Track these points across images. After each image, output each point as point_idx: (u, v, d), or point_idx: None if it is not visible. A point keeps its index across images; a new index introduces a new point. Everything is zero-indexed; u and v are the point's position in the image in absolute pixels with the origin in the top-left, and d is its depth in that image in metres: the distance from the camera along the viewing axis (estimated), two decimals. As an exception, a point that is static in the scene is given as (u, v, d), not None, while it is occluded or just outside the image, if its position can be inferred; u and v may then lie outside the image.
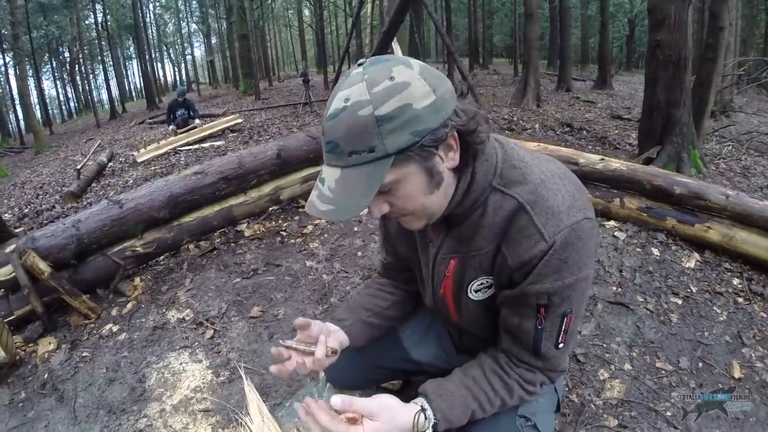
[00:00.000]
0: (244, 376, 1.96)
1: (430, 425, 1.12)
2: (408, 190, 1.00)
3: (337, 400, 1.05)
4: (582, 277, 1.07)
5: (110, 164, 9.58)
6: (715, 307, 2.75)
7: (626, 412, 2.06)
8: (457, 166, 1.05)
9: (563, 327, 1.13)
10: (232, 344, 2.72)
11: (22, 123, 26.23)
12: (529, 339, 1.15)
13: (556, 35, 23.54)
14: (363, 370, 1.67)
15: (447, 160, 1.02)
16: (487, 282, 1.20)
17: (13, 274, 2.98)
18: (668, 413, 2.04)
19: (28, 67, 24.07)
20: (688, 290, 2.94)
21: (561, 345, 1.16)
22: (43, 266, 2.95)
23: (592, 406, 2.12)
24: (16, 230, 4.51)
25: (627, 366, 2.32)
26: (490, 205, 1.10)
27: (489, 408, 1.20)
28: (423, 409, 1.12)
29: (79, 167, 9.10)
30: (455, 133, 0.99)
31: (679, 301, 2.83)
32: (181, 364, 2.62)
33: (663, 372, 2.28)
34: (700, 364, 2.31)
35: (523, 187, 1.07)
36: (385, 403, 1.09)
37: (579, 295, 1.10)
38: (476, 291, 1.23)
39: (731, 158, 6.86)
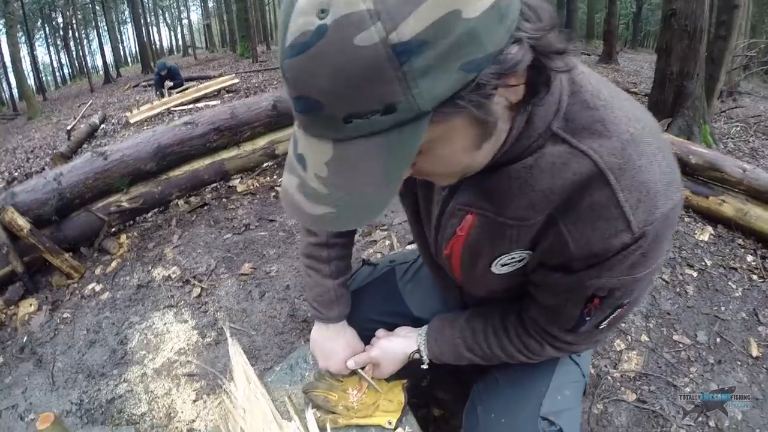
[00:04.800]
0: (229, 338, 1.75)
1: (426, 363, 1.24)
2: (446, 151, 0.65)
3: (351, 363, 1.32)
4: (655, 268, 0.81)
5: (102, 126, 9.34)
6: (730, 282, 2.62)
7: (644, 386, 1.96)
8: (518, 102, 0.67)
9: (614, 315, 0.89)
10: (220, 303, 2.56)
11: (15, 91, 25.82)
12: (569, 321, 0.93)
13: (563, 9, 22.92)
14: (362, 326, 1.44)
15: (507, 95, 0.63)
16: (519, 256, 0.89)
17: (-9, 231, 2.81)
18: (687, 389, 1.92)
19: (20, 33, 23.63)
20: (703, 263, 2.80)
21: (603, 326, 0.92)
22: (23, 222, 2.78)
23: (609, 378, 2.01)
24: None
25: (644, 337, 2.20)
26: (546, 158, 0.75)
27: (484, 361, 1.15)
28: (419, 350, 1.24)
29: (69, 127, 8.88)
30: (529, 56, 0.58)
31: (695, 274, 2.69)
32: (165, 324, 2.46)
33: (681, 345, 2.16)
34: (718, 340, 2.19)
35: (604, 143, 0.72)
36: (384, 347, 1.30)
37: (645, 285, 0.85)
38: (503, 265, 0.93)
39: (739, 139, 6.74)
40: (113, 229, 3.36)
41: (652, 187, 0.71)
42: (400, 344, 1.27)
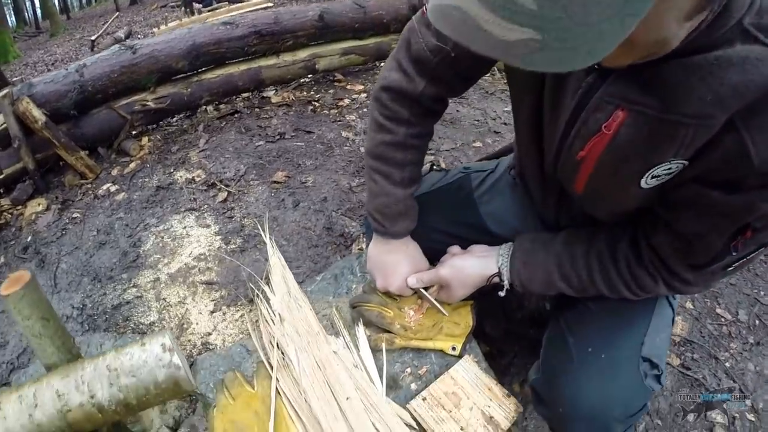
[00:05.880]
0: (267, 239, 1.48)
1: (505, 288, 1.07)
2: (665, 6, 0.53)
3: (412, 280, 1.15)
4: None
5: (127, 41, 9.04)
6: (769, 270, 2.61)
7: (688, 353, 1.94)
8: None
9: (751, 256, 0.80)
10: (248, 209, 2.35)
11: (38, 10, 25.64)
12: (705, 254, 0.82)
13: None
14: (426, 237, 1.27)
15: None
16: (676, 166, 0.76)
17: (5, 125, 2.64)
18: (727, 364, 1.90)
19: (45, -52, 23.19)
20: (744, 246, 2.59)
21: (731, 268, 0.83)
22: (38, 114, 2.60)
23: (656, 338, 1.90)
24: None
25: (689, 305, 2.15)
26: (738, 53, 0.65)
27: (577, 293, 1.02)
28: (499, 273, 1.07)
29: (93, 38, 8.66)
30: None
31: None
32: (184, 228, 2.25)
33: (723, 320, 2.12)
34: (757, 322, 2.14)
35: None
36: (457, 265, 1.12)
37: None
38: (653, 177, 0.79)
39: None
40: (135, 131, 3.15)
41: None
42: (477, 264, 1.11)
